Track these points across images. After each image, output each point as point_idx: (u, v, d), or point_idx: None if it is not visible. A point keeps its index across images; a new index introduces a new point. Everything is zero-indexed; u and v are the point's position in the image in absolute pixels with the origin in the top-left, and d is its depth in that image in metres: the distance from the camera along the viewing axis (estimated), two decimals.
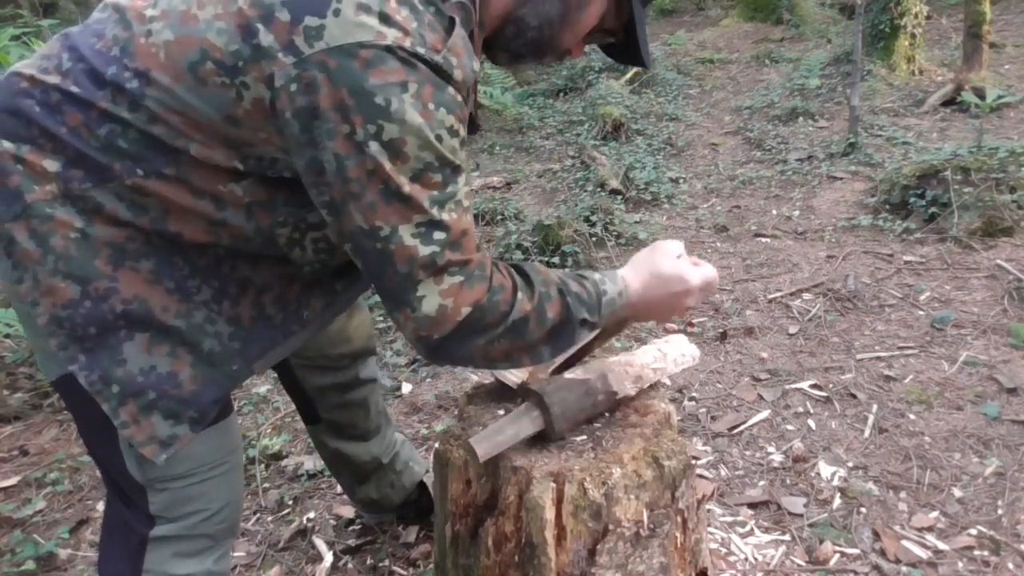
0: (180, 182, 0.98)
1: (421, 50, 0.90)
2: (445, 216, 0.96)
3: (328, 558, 1.86)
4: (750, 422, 2.32)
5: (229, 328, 1.08)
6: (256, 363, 1.13)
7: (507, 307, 1.04)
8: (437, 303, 0.98)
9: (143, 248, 1.02)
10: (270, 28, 0.89)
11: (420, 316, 0.98)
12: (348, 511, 2.03)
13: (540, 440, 1.28)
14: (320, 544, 1.92)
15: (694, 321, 2.96)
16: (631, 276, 1.18)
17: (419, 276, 0.96)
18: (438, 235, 0.96)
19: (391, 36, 0.88)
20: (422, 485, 1.89)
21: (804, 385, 2.48)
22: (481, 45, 1.08)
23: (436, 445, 1.39)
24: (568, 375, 1.31)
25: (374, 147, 0.89)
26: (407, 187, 0.92)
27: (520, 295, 1.06)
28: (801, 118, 5.43)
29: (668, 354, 1.48)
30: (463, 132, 0.98)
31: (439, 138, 0.93)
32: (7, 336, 2.74)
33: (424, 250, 0.95)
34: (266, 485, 2.18)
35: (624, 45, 1.18)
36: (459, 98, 0.95)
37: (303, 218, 1.05)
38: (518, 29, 1.09)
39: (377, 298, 1.69)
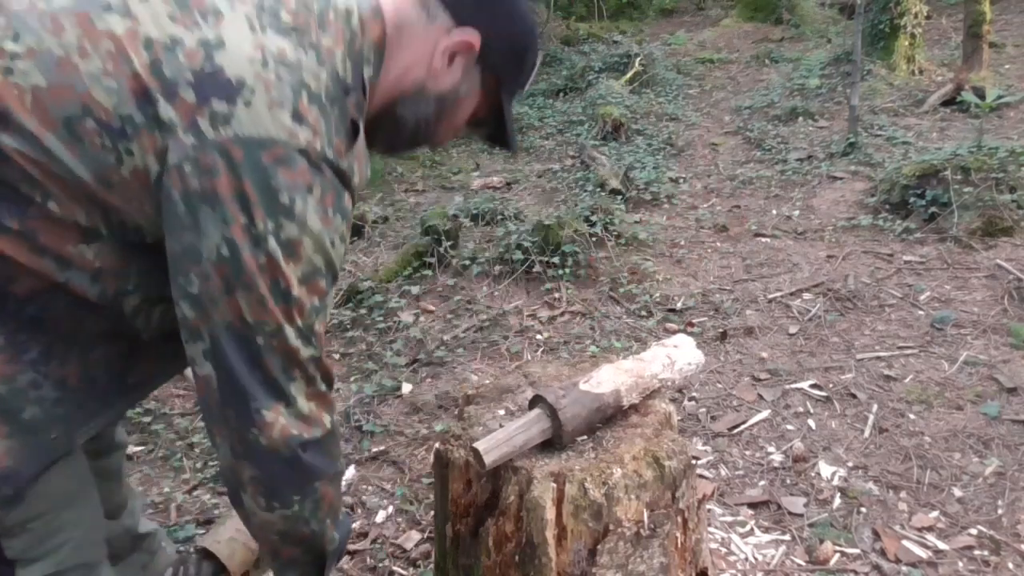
0: (22, 237, 0.87)
1: (329, 154, 0.91)
2: (318, 327, 0.97)
3: None
4: (750, 422, 2.32)
5: (55, 392, 0.98)
6: (79, 431, 1.04)
7: (339, 450, 1.10)
8: (308, 405, 0.98)
9: None
10: (172, 103, 0.84)
11: (295, 412, 0.96)
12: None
13: (544, 445, 1.28)
14: None
15: (694, 321, 2.96)
16: None
17: (295, 375, 0.96)
18: (314, 341, 0.97)
19: (303, 137, 0.88)
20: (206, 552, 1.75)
21: (804, 385, 2.48)
22: None
23: (436, 445, 1.39)
24: (583, 387, 1.31)
25: (272, 243, 0.88)
26: (296, 289, 0.92)
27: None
28: (801, 118, 5.44)
29: (676, 362, 1.47)
30: (348, 240, 1.00)
31: (332, 243, 0.94)
32: None
33: (304, 352, 0.95)
34: None
35: (494, 131, 1.21)
36: (351, 205, 0.97)
37: (157, 291, 0.97)
38: (396, 126, 1.10)
39: None
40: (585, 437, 1.32)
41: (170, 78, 0.85)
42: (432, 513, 1.97)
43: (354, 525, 2.00)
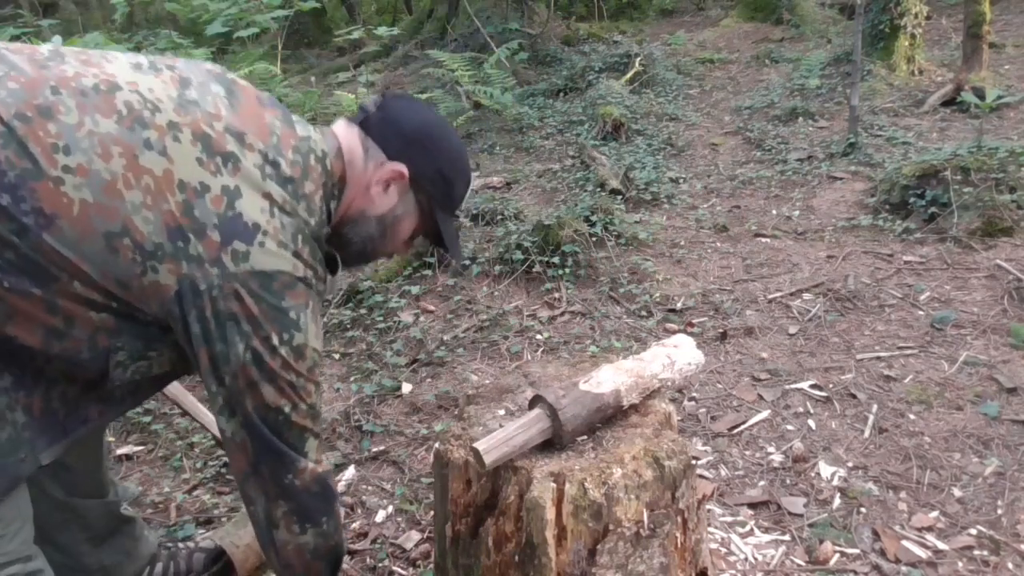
0: (43, 302, 1.01)
1: (314, 281, 1.16)
2: (318, 402, 1.22)
3: None
4: (750, 422, 2.32)
5: (24, 417, 1.08)
6: (43, 454, 1.12)
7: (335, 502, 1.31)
8: (317, 453, 1.24)
9: None
10: (201, 241, 1.04)
11: (311, 463, 1.22)
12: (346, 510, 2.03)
13: (544, 445, 1.28)
14: None
15: (694, 321, 2.96)
16: None
17: (307, 438, 1.21)
18: (317, 410, 1.22)
19: (300, 269, 1.12)
20: (221, 553, 1.80)
21: (804, 385, 2.48)
22: None
23: (436, 445, 1.39)
24: (583, 387, 1.31)
25: (285, 350, 1.12)
26: (304, 379, 1.16)
27: None
28: (801, 118, 5.44)
29: (676, 362, 1.47)
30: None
31: (319, 343, 1.19)
32: None
33: (310, 424, 1.21)
34: None
35: (437, 243, 1.41)
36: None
37: (141, 352, 1.13)
38: (343, 245, 1.32)
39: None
40: (585, 437, 1.32)
41: (200, 219, 1.04)
42: (432, 513, 1.97)
43: (354, 525, 2.00)
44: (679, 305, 3.08)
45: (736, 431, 2.29)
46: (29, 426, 1.09)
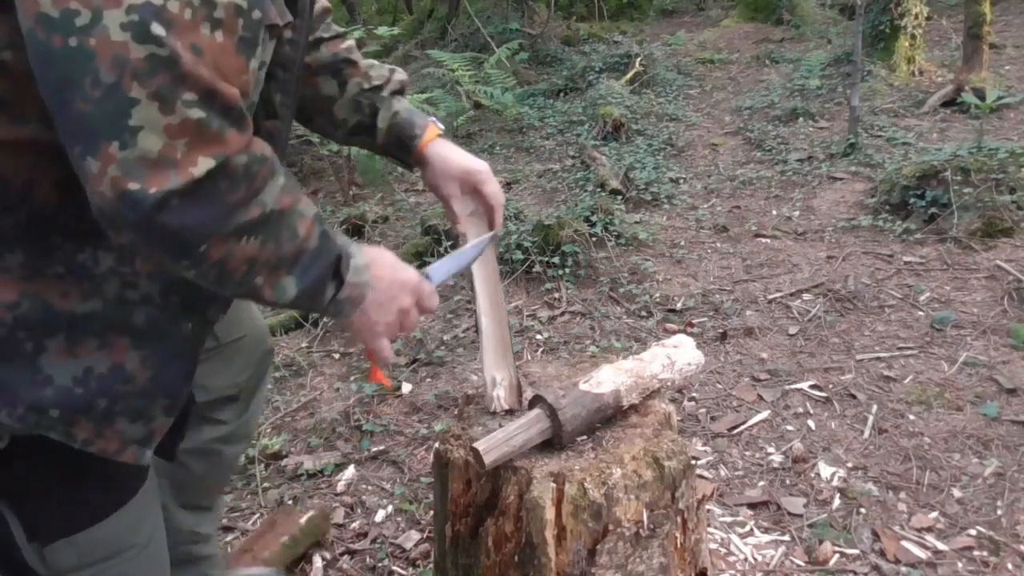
0: None
1: None
2: (176, 9, 0.67)
3: (318, 563, 1.86)
4: (750, 422, 2.32)
5: (155, 283, 0.87)
6: (211, 309, 0.94)
7: (263, 184, 0.78)
8: (160, 141, 0.68)
9: (4, 240, 0.79)
10: None
11: (131, 155, 0.67)
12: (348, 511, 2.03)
13: (544, 445, 1.28)
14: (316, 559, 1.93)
15: (694, 321, 2.96)
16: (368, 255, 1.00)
17: (132, 92, 0.66)
18: (158, 31, 0.66)
19: None
20: None
21: (804, 385, 2.48)
22: None
23: (436, 445, 1.39)
24: (583, 387, 1.31)
25: None
26: None
27: (281, 179, 0.81)
28: (801, 118, 5.44)
29: (676, 363, 1.47)
30: None
31: None
32: None
33: (139, 51, 0.65)
34: (266, 484, 2.18)
35: None
36: None
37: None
38: None
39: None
40: (585, 437, 1.32)
41: None
42: (431, 513, 1.97)
43: (354, 524, 2.00)
44: (679, 305, 3.08)
45: (736, 431, 2.29)
46: (171, 288, 0.88)
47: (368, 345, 1.04)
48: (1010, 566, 1.71)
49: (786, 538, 1.86)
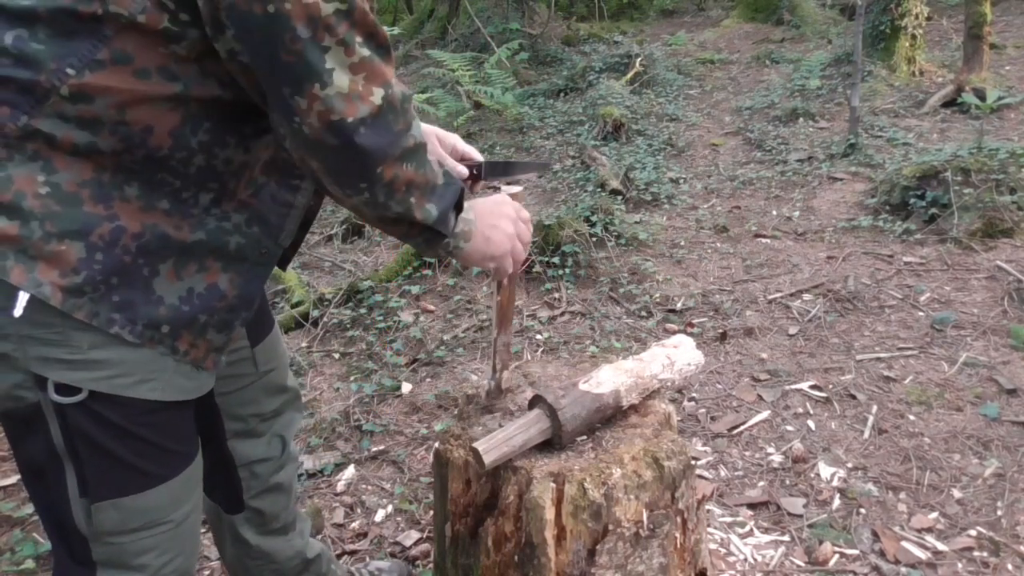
0: (118, 64, 0.86)
1: None
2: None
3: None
4: (750, 423, 2.32)
5: (241, 215, 1.01)
6: (282, 235, 1.08)
7: (413, 117, 0.95)
8: (348, 78, 0.86)
9: (119, 175, 0.90)
10: None
11: (332, 93, 0.85)
12: (346, 511, 2.03)
13: (544, 445, 1.28)
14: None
15: (694, 322, 2.96)
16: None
17: (325, 41, 0.84)
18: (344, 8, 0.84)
19: None
20: None
21: (804, 386, 2.48)
22: None
23: (436, 445, 1.39)
24: (583, 387, 1.31)
25: None
26: None
27: (418, 120, 0.99)
28: (801, 119, 5.44)
29: (676, 363, 1.47)
30: None
31: None
32: None
33: (326, 7, 0.83)
34: None
35: None
36: None
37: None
38: None
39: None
40: (584, 437, 1.32)
41: None
42: (431, 512, 1.97)
43: (353, 524, 2.00)
44: (679, 305, 3.08)
45: (736, 431, 2.29)
46: (253, 219, 1.02)
47: (494, 264, 1.18)
48: (1010, 566, 1.71)
49: (786, 538, 1.86)
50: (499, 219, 1.17)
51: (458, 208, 1.07)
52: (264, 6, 0.81)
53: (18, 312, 0.86)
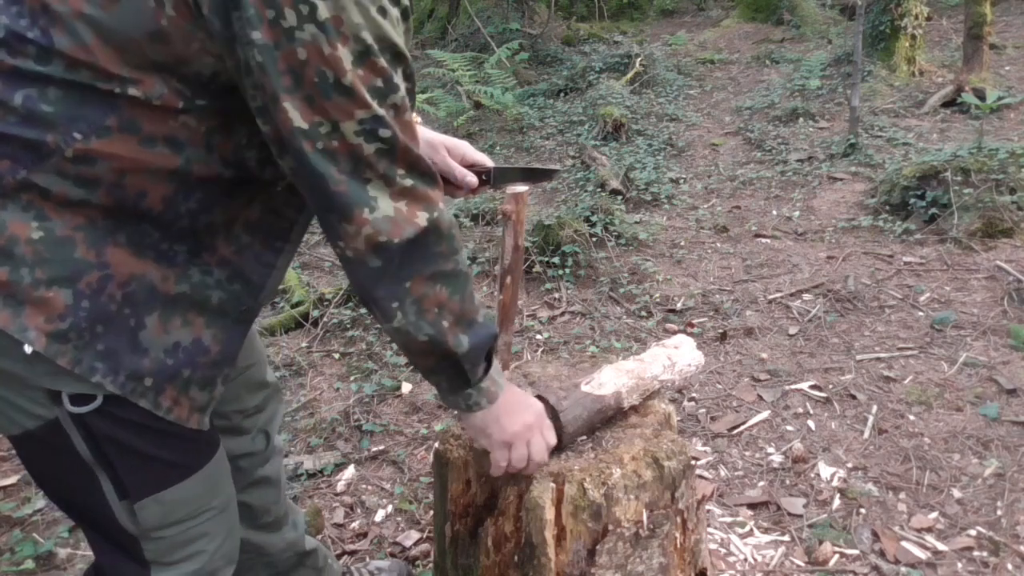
0: (126, 132, 0.87)
1: None
2: (387, 113, 0.88)
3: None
4: (750, 423, 2.32)
5: (223, 272, 1.01)
6: (262, 294, 1.08)
7: (459, 246, 1.00)
8: (392, 205, 0.91)
9: (110, 222, 0.91)
10: None
11: (379, 217, 0.90)
12: (346, 512, 2.03)
13: None
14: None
15: (694, 322, 2.96)
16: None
17: (367, 175, 0.89)
18: (384, 132, 0.88)
19: None
20: None
21: (804, 386, 2.48)
22: None
23: (436, 445, 1.39)
24: (585, 388, 1.31)
25: (309, 30, 0.80)
26: (349, 75, 0.84)
27: (464, 252, 1.02)
28: (801, 119, 5.44)
29: (677, 363, 1.47)
30: (405, 1, 0.91)
31: (382, 11, 0.85)
32: None
33: (369, 148, 0.88)
34: None
35: None
36: None
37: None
38: None
39: None
40: (584, 437, 1.32)
41: None
42: (431, 513, 1.97)
43: (353, 524, 2.00)
44: (679, 305, 3.08)
45: (736, 431, 2.29)
46: (234, 276, 1.03)
47: (491, 448, 1.15)
48: (1010, 566, 1.71)
49: (786, 538, 1.86)
50: (524, 411, 1.16)
51: (488, 361, 1.08)
52: (315, 143, 0.86)
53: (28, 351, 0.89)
